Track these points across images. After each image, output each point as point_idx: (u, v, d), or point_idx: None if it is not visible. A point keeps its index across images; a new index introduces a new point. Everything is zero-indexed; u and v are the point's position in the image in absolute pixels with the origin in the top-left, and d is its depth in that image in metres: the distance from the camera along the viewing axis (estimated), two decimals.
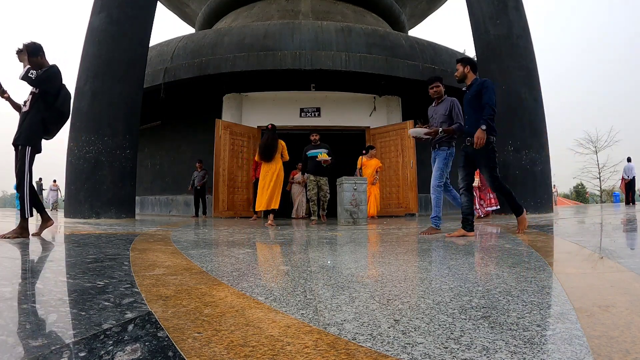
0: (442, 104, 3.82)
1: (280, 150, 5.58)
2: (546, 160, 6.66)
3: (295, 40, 8.64)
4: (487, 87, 3.23)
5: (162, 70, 8.83)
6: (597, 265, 1.74)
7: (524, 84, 6.68)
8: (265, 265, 1.99)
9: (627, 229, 3.64)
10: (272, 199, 5.51)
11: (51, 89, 3.06)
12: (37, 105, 3.03)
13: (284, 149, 5.64)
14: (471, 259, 2.03)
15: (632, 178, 12.41)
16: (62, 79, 3.18)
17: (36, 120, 3.02)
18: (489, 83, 3.27)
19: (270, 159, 5.52)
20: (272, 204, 5.51)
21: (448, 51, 9.90)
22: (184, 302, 1.15)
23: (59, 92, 3.11)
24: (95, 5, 6.65)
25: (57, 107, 3.09)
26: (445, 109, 3.77)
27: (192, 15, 15.31)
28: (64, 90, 3.16)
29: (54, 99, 3.08)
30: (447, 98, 3.84)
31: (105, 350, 0.77)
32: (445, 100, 3.82)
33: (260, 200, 5.59)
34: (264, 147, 5.55)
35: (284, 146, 5.65)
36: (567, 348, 0.77)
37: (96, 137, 6.04)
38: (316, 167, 6.02)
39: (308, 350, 0.78)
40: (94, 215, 5.88)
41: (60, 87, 3.13)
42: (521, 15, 7.05)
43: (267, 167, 5.56)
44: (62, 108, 3.12)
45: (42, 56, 3.12)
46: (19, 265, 1.90)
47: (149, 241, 2.93)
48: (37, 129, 3.03)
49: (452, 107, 3.73)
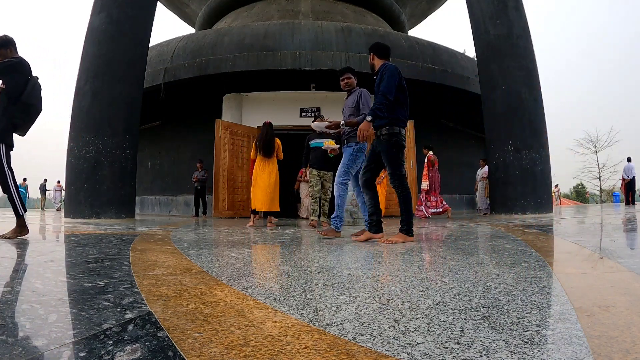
0: (351, 95, 3.56)
1: (276, 148, 5.38)
2: (546, 160, 6.66)
3: (295, 40, 8.64)
4: (384, 73, 2.85)
5: (162, 70, 8.84)
6: (597, 265, 1.74)
7: (524, 84, 6.68)
8: (265, 265, 1.99)
9: (627, 229, 3.64)
10: (273, 200, 5.30)
11: (10, 81, 2.92)
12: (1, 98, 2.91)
13: (279, 147, 5.44)
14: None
15: (632, 178, 12.42)
16: (30, 72, 3.05)
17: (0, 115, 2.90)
18: (389, 67, 2.88)
19: (270, 155, 5.28)
20: (274, 206, 5.31)
21: (448, 51, 9.90)
22: (184, 302, 1.15)
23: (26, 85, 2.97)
24: (95, 5, 6.65)
25: (23, 100, 2.95)
26: (353, 101, 3.50)
27: (192, 15, 15.31)
28: (31, 82, 3.02)
29: (19, 93, 2.94)
30: (357, 89, 3.56)
31: (105, 350, 0.77)
32: (354, 92, 3.55)
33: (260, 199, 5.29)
34: (263, 141, 5.27)
35: (280, 145, 5.45)
36: (567, 348, 0.77)
37: (96, 137, 6.04)
38: (321, 159, 5.24)
39: (308, 350, 0.78)
40: (94, 215, 5.88)
41: (27, 80, 3.00)
42: (521, 15, 7.05)
43: (264, 165, 5.30)
44: (28, 101, 2.98)
45: (12, 50, 3.01)
46: (19, 265, 1.90)
47: (149, 241, 2.93)
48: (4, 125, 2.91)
49: (359, 97, 3.47)
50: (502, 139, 6.64)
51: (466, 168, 11.22)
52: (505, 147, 6.55)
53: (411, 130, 8.47)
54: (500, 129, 6.74)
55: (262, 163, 5.32)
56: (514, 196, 6.42)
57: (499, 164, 6.65)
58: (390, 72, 2.84)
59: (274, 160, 5.38)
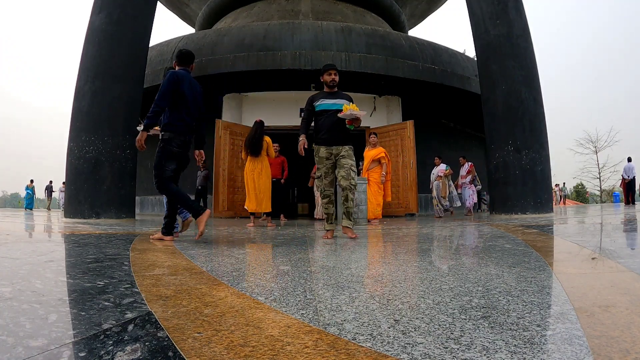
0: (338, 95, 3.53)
1: (265, 147, 5.24)
2: (546, 160, 6.67)
3: (295, 40, 8.64)
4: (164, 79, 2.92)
5: (162, 70, 8.83)
6: (597, 265, 1.74)
7: (524, 84, 6.69)
8: (265, 265, 1.99)
9: (627, 229, 3.64)
10: (262, 201, 5.21)
11: None
12: None
13: (270, 145, 5.32)
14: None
15: (632, 178, 12.42)
16: None
17: None
18: (169, 74, 2.94)
19: (258, 153, 5.16)
20: (264, 207, 5.24)
21: (448, 51, 9.91)
22: (184, 302, 1.15)
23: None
24: (95, 5, 6.65)
25: None
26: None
27: (192, 15, 15.32)
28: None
29: None
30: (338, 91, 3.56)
31: (105, 350, 0.77)
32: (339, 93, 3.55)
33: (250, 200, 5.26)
34: (250, 140, 5.16)
35: (269, 142, 5.33)
36: (567, 348, 0.77)
37: (96, 137, 6.04)
38: (333, 128, 3.38)
39: (308, 350, 0.78)
40: (94, 216, 5.88)
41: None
42: (521, 15, 7.05)
43: (253, 165, 5.21)
44: None
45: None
46: (19, 265, 1.90)
47: (149, 241, 2.93)
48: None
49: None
50: (502, 139, 6.64)
51: None
52: (505, 147, 6.55)
53: (411, 130, 8.47)
54: (500, 129, 6.74)
55: (251, 163, 5.22)
56: (514, 196, 6.42)
57: (499, 164, 6.65)
58: (167, 79, 2.91)
59: (264, 159, 5.25)
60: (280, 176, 6.97)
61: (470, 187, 8.65)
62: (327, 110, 3.40)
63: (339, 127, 3.37)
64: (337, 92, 3.52)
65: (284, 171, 7.04)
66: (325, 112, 3.40)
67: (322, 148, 3.38)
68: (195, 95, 3.08)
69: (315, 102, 3.46)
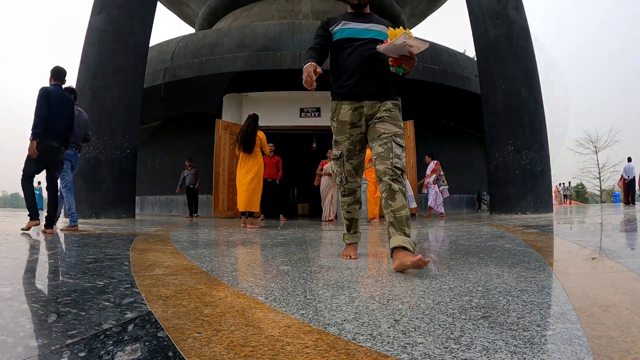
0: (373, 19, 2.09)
1: (259, 143, 4.98)
2: (546, 160, 6.67)
3: (295, 40, 8.64)
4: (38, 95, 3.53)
5: (162, 70, 8.84)
6: (597, 265, 1.74)
7: (524, 84, 6.69)
8: (265, 265, 1.99)
9: (627, 229, 3.64)
10: (250, 200, 4.94)
11: None
12: None
13: (264, 141, 5.04)
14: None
15: (632, 178, 12.41)
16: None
17: None
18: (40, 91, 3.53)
19: (250, 150, 4.91)
20: (252, 206, 4.97)
21: (448, 51, 9.90)
22: (184, 302, 1.15)
23: None
24: (95, 5, 6.65)
25: None
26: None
27: (192, 15, 15.32)
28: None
29: None
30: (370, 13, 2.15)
31: (105, 350, 0.77)
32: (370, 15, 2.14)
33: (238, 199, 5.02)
34: (243, 136, 4.92)
35: (263, 138, 5.05)
36: (567, 348, 0.77)
37: (96, 137, 6.04)
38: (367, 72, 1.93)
39: (308, 350, 0.78)
40: (94, 215, 5.88)
41: None
42: (521, 15, 7.06)
43: (244, 162, 4.97)
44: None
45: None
46: (19, 265, 1.90)
47: (149, 241, 2.93)
48: None
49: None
50: (502, 139, 6.64)
51: (466, 168, 11.22)
52: (505, 147, 6.55)
53: (411, 131, 8.46)
54: (500, 128, 6.74)
55: (243, 160, 4.99)
56: (514, 196, 6.42)
57: (499, 164, 6.66)
58: (39, 94, 3.51)
59: (257, 156, 5.00)
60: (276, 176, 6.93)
61: (433, 187, 8.08)
62: (354, 40, 1.97)
63: (376, 68, 1.93)
64: (370, 14, 2.14)
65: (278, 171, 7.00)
66: (351, 41, 1.97)
67: (344, 105, 1.97)
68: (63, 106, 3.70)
69: (335, 27, 2.03)
